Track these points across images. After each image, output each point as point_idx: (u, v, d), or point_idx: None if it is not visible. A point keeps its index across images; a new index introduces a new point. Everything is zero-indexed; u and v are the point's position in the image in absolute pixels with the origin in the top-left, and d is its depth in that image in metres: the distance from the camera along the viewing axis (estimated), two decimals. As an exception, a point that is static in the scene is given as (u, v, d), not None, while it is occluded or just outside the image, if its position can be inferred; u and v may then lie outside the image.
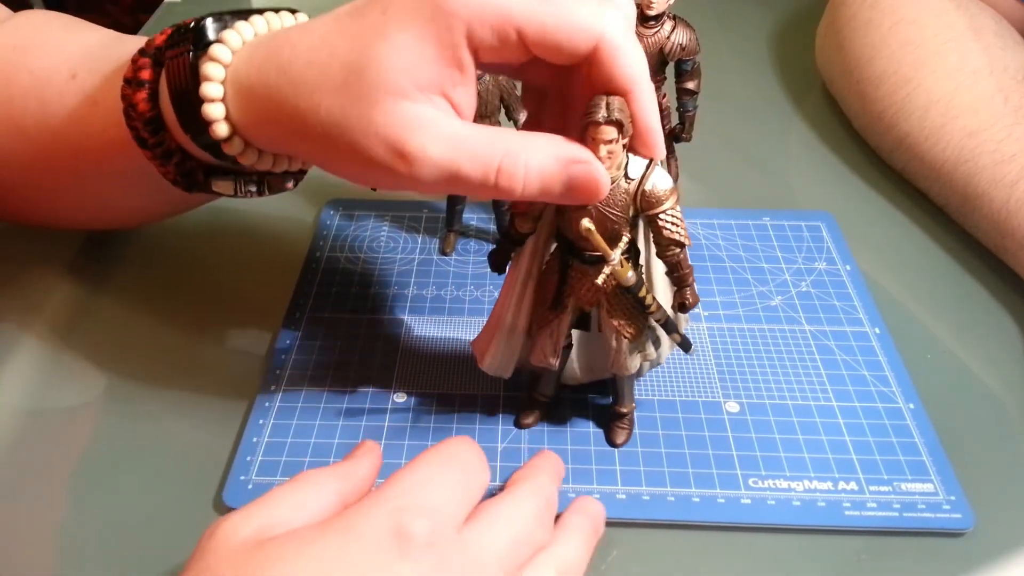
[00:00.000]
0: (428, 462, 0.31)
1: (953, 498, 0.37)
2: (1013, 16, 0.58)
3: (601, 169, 0.31)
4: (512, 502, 0.31)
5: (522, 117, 0.44)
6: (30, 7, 0.47)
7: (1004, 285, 0.48)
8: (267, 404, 0.41)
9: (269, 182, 0.38)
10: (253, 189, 0.38)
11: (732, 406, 0.41)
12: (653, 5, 0.39)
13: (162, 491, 0.38)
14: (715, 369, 0.43)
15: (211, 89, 0.33)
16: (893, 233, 0.53)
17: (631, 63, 0.31)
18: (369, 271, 0.49)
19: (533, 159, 0.30)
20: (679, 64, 0.42)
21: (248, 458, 0.38)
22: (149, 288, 0.48)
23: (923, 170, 0.53)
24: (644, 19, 0.40)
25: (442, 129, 0.30)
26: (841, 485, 0.37)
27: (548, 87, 0.35)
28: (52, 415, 0.42)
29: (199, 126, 0.34)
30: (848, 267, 0.49)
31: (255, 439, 0.39)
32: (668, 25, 0.41)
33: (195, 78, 0.33)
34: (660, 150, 0.32)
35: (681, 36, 0.41)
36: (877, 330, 0.45)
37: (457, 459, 0.31)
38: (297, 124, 0.32)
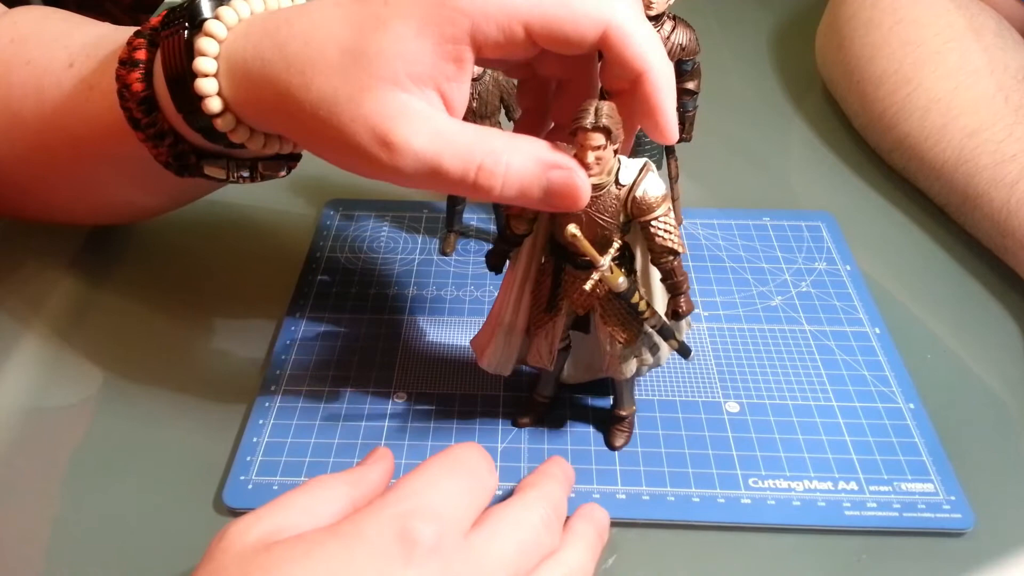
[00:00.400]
0: (435, 467, 0.31)
1: (953, 498, 0.37)
2: (1013, 16, 0.58)
3: (582, 178, 0.31)
4: (520, 507, 0.31)
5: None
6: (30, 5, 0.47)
7: (1004, 285, 0.48)
8: (267, 404, 0.41)
9: (262, 167, 0.38)
10: (245, 174, 0.38)
11: (732, 406, 0.41)
12: (653, 5, 0.39)
13: (162, 491, 0.38)
14: (715, 369, 0.43)
15: (204, 64, 0.33)
16: (893, 233, 0.53)
17: (641, 46, 0.30)
18: (369, 271, 0.49)
19: (514, 160, 0.30)
20: (679, 64, 0.42)
21: (248, 458, 0.38)
22: (150, 287, 0.48)
23: (923, 170, 0.53)
24: (644, 19, 0.40)
25: (429, 123, 0.30)
26: (841, 485, 0.37)
27: (561, 75, 0.35)
28: (52, 413, 0.42)
29: (192, 103, 0.34)
30: (848, 267, 0.49)
31: (255, 439, 0.39)
32: (668, 25, 0.41)
33: (189, 55, 0.33)
34: (672, 134, 0.32)
35: (681, 36, 0.41)
36: (877, 330, 0.45)
37: (464, 464, 0.31)
38: (288, 102, 0.32)
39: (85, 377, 0.43)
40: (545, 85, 0.36)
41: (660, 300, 0.36)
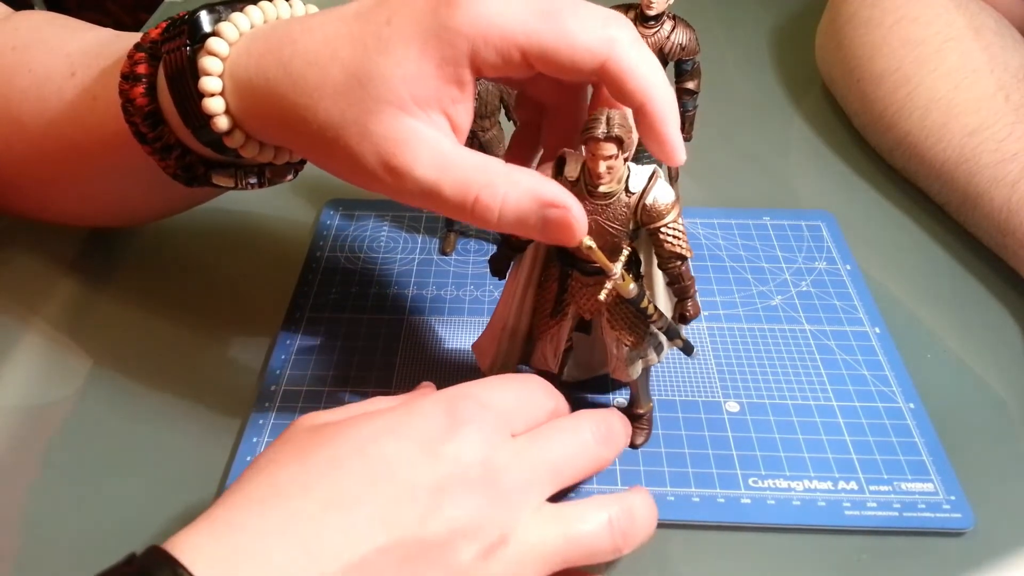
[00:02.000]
0: (490, 378, 0.34)
1: (953, 498, 0.37)
2: (1013, 15, 0.58)
3: (578, 215, 0.31)
4: (573, 420, 0.33)
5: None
6: (31, 5, 0.47)
7: (1005, 284, 0.48)
8: (267, 404, 0.41)
9: (270, 173, 0.38)
10: (254, 181, 0.38)
11: (732, 406, 0.41)
12: (653, 5, 0.39)
13: (161, 491, 0.38)
14: (715, 369, 0.43)
15: (210, 83, 0.33)
16: (893, 233, 0.53)
17: (642, 79, 0.31)
18: (369, 271, 0.49)
19: (512, 195, 0.31)
20: (679, 64, 0.42)
21: (248, 458, 0.38)
22: (150, 288, 0.48)
23: (924, 169, 0.53)
24: (644, 19, 0.40)
25: (433, 149, 0.31)
26: (841, 485, 0.37)
27: (550, 102, 0.35)
28: (50, 414, 0.42)
29: (200, 120, 0.34)
30: (848, 267, 0.49)
31: (255, 439, 0.39)
32: (668, 25, 0.41)
33: (193, 72, 0.33)
34: (678, 157, 0.32)
35: (681, 36, 0.41)
36: (877, 330, 0.45)
37: (519, 380, 0.34)
38: (294, 120, 0.32)
39: (84, 378, 0.43)
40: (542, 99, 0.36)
41: (663, 300, 0.36)
